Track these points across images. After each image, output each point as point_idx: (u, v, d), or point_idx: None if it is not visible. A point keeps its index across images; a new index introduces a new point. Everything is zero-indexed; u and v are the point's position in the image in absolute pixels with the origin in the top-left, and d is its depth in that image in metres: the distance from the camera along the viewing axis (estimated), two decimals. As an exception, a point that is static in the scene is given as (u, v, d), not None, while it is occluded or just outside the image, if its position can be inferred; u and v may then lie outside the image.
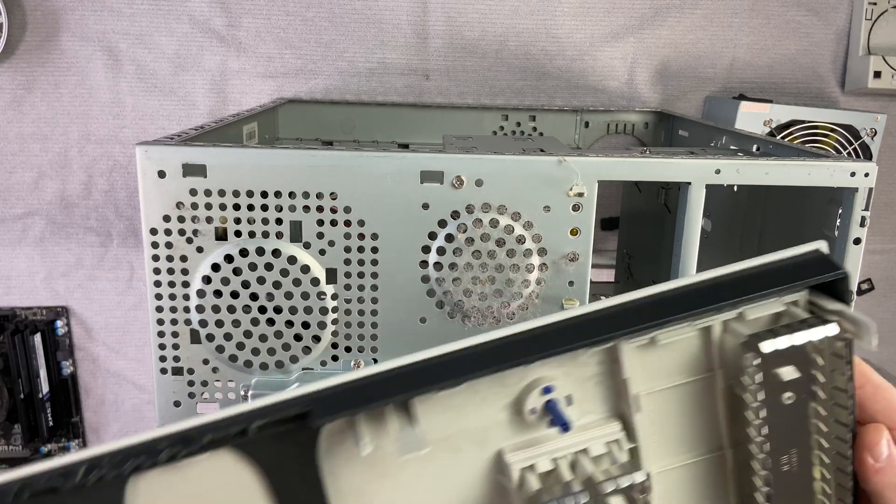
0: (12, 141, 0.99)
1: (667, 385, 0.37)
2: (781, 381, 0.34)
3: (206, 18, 0.98)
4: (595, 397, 0.37)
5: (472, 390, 0.35)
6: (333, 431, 0.34)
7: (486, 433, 0.36)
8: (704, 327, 0.36)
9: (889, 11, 1.01)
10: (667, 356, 0.37)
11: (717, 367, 0.37)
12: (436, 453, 0.36)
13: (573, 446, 0.36)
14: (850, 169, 0.55)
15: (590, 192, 0.54)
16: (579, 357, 0.36)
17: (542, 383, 0.36)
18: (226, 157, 0.52)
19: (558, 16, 1.02)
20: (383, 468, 0.35)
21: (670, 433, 0.38)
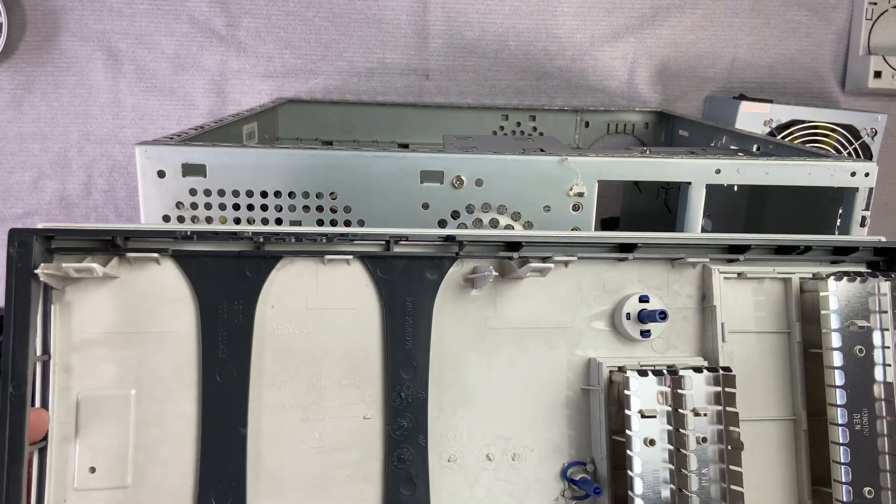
0: (12, 141, 0.99)
1: (749, 329, 0.40)
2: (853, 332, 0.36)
3: (206, 18, 0.98)
4: (682, 333, 0.40)
5: (576, 285, 0.39)
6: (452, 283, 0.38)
7: (580, 336, 0.39)
8: (785, 277, 0.40)
9: (889, 11, 1.01)
10: (751, 299, 0.40)
11: (795, 321, 0.40)
12: (532, 342, 0.39)
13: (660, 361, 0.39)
14: (851, 169, 0.55)
15: (590, 192, 0.54)
16: (672, 283, 0.40)
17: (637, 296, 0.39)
18: (226, 157, 0.52)
19: (558, 16, 1.02)
20: (484, 342, 0.38)
21: (749, 384, 0.39)
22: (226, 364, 0.35)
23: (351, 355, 0.36)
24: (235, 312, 0.35)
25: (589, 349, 0.39)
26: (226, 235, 0.35)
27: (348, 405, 0.36)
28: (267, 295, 0.36)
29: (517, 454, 0.38)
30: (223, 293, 0.35)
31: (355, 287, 0.37)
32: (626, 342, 0.39)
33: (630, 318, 0.39)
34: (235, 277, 0.35)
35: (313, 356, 0.36)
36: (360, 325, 0.37)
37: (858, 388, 0.36)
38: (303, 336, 0.36)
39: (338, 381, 0.36)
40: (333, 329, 0.36)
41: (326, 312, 0.36)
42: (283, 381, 0.36)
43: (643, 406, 0.35)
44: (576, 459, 0.38)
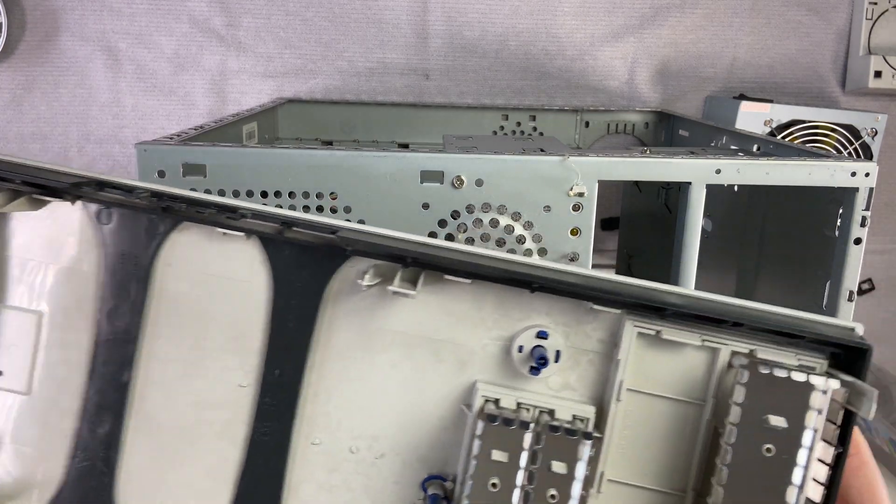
0: (12, 141, 0.99)
1: (655, 392, 0.37)
2: (767, 429, 0.32)
3: (206, 18, 0.98)
4: (584, 376, 0.37)
5: (476, 303, 0.37)
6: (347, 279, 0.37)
7: (471, 356, 0.38)
8: (712, 347, 0.35)
9: (889, 11, 1.01)
10: (665, 362, 0.36)
11: (710, 397, 0.36)
12: (419, 351, 0.38)
13: (542, 403, 0.37)
14: (851, 169, 0.55)
15: (590, 192, 0.54)
16: (584, 324, 0.37)
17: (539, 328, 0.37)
18: (226, 157, 0.52)
19: (559, 16, 1.02)
20: (370, 340, 0.38)
21: (640, 448, 0.37)
22: (119, 309, 0.37)
23: (237, 324, 0.38)
24: (133, 263, 0.37)
25: (477, 371, 0.37)
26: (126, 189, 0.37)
27: (227, 370, 0.38)
28: (167, 252, 0.37)
29: (382, 454, 0.38)
30: (123, 242, 0.37)
31: (250, 262, 0.37)
32: (514, 372, 0.37)
33: (522, 351, 0.36)
34: (137, 229, 0.37)
35: (201, 318, 0.38)
36: (250, 299, 0.38)
37: (756, 490, 0.32)
38: (195, 297, 0.38)
39: (221, 345, 0.38)
40: (224, 297, 0.38)
41: (220, 280, 0.38)
42: (171, 335, 0.38)
43: (496, 456, 0.34)
44: (439, 473, 0.38)
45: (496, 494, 0.34)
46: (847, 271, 0.57)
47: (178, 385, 0.38)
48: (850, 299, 0.57)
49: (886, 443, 0.92)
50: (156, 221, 0.37)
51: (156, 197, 0.36)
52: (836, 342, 0.34)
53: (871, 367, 0.34)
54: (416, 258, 0.35)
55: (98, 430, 0.38)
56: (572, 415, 0.36)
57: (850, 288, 0.57)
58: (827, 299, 0.59)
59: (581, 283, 0.35)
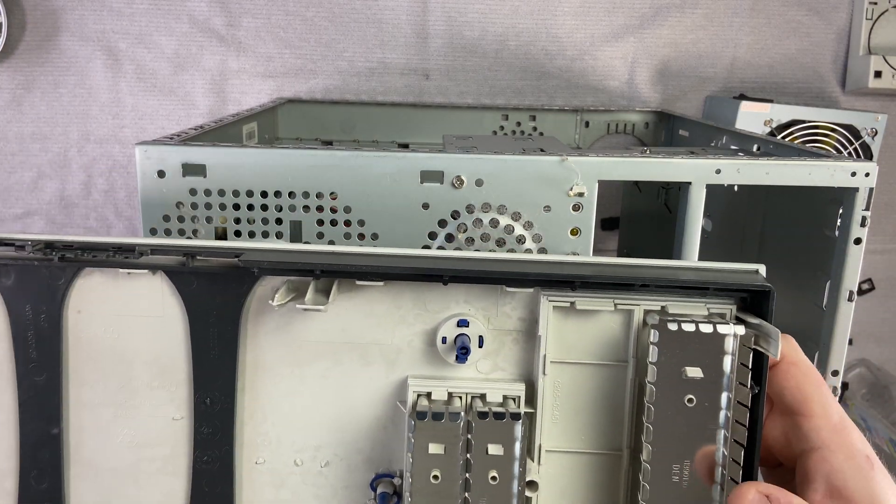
0: (12, 141, 0.99)
1: (579, 360, 0.37)
2: (686, 380, 0.33)
3: (206, 18, 0.98)
4: (510, 355, 0.38)
5: (394, 303, 0.37)
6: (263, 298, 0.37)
7: (398, 354, 0.38)
8: (625, 309, 0.36)
9: (889, 11, 1.01)
10: (585, 330, 0.37)
11: (631, 357, 0.37)
12: (347, 357, 0.38)
13: (472, 389, 0.37)
14: (851, 169, 0.55)
15: (590, 192, 0.54)
16: (502, 305, 0.37)
17: (459, 317, 0.37)
18: (225, 157, 0.52)
19: (559, 15, 1.02)
20: (296, 355, 0.38)
21: (573, 415, 0.38)
22: (38, 363, 0.37)
23: (159, 360, 0.38)
24: (42, 316, 0.37)
25: (407, 367, 0.38)
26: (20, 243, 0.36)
27: (158, 405, 0.38)
28: (75, 300, 0.37)
29: (327, 462, 0.39)
30: (27, 297, 0.36)
31: (160, 297, 0.37)
32: (440, 362, 0.38)
33: (446, 342, 0.37)
34: (39, 283, 0.36)
35: (123, 359, 0.38)
36: (167, 332, 0.37)
37: (683, 439, 0.33)
38: (111, 339, 0.37)
39: (148, 383, 0.38)
40: (141, 334, 0.37)
41: (133, 318, 0.37)
42: (96, 381, 0.38)
43: (432, 450, 0.35)
44: (385, 471, 0.39)
45: (439, 486, 0.35)
46: (847, 271, 0.57)
47: (112, 428, 0.38)
48: (850, 299, 0.57)
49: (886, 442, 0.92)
50: (56, 272, 0.36)
51: (49, 248, 0.36)
52: (739, 288, 0.34)
53: (871, 367, 0.35)
54: (324, 270, 0.35)
55: (40, 485, 0.38)
56: (503, 395, 0.37)
57: (850, 288, 0.57)
58: (827, 299, 0.59)
59: (491, 269, 0.35)
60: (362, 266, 0.35)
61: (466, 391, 0.37)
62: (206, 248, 0.36)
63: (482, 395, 0.37)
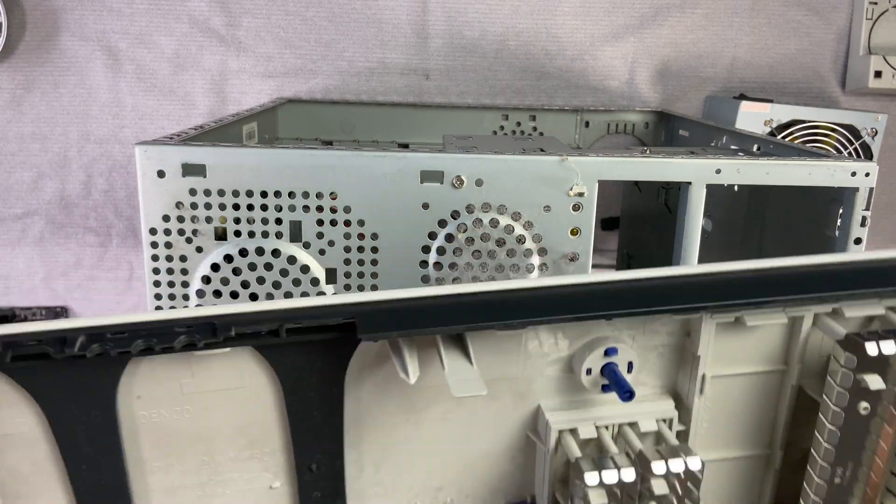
0: (11, 141, 0.99)
1: (736, 372, 0.34)
2: (864, 389, 0.31)
3: (206, 18, 0.98)
4: (654, 369, 0.34)
5: (530, 335, 0.33)
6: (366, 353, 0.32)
7: (529, 385, 0.34)
8: (796, 316, 0.33)
9: (889, 11, 1.01)
10: (745, 341, 0.34)
11: (795, 363, 0.34)
12: (467, 398, 0.33)
13: (621, 417, 0.33)
14: (851, 169, 0.55)
15: (590, 192, 0.54)
16: (652, 323, 0.33)
17: (605, 343, 0.33)
18: (225, 157, 0.52)
19: (559, 15, 1.02)
20: (411, 402, 0.33)
21: (724, 424, 0.35)
22: (93, 459, 0.31)
23: (246, 431, 0.33)
24: (91, 410, 0.31)
25: (539, 395, 0.34)
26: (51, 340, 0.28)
27: (251, 477, 0.34)
28: (129, 387, 0.31)
29: (451, 500, 0.36)
30: (70, 397, 0.30)
31: (243, 371, 0.31)
32: (579, 387, 0.34)
33: (591, 373, 0.33)
34: (81, 381, 0.30)
35: (200, 436, 0.33)
36: (254, 403, 0.32)
37: (851, 443, 0.32)
38: (183, 419, 0.32)
39: (234, 456, 0.33)
40: (219, 409, 0.32)
41: (208, 395, 0.32)
42: (168, 465, 0.33)
43: (593, 500, 0.30)
44: (516, 499, 0.36)
45: None
46: (847, 271, 0.57)
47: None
48: (850, 299, 0.57)
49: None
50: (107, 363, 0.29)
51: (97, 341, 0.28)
52: None
53: None
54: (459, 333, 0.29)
55: None
56: (655, 419, 0.33)
57: (850, 288, 0.57)
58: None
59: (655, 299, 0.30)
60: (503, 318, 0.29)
61: (614, 421, 0.33)
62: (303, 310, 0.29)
63: (632, 423, 0.33)
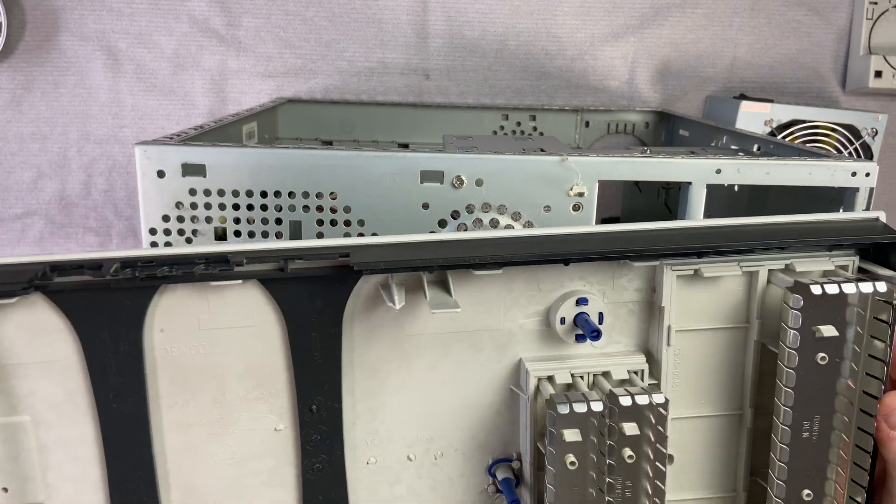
0: (11, 141, 0.99)
1: (701, 326, 0.37)
2: (819, 339, 0.33)
3: (206, 18, 0.98)
4: (626, 327, 0.37)
5: (506, 286, 0.36)
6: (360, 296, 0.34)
7: (510, 337, 0.36)
8: (750, 271, 0.35)
9: (890, 11, 1.01)
10: (706, 295, 0.36)
11: (755, 318, 0.36)
12: (456, 346, 0.36)
13: (595, 367, 0.36)
14: (851, 169, 0.55)
15: (590, 192, 0.54)
16: (619, 278, 0.36)
17: (576, 296, 0.35)
18: (225, 157, 0.52)
19: (559, 15, 1.01)
20: (402, 349, 0.36)
21: (694, 381, 0.37)
22: (119, 390, 0.34)
23: (255, 370, 0.35)
24: (120, 339, 0.33)
25: (519, 349, 0.37)
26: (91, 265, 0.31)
27: (257, 418, 0.36)
28: (153, 319, 0.33)
29: (441, 453, 0.38)
30: (103, 322, 0.33)
31: (252, 306, 0.34)
32: (557, 340, 0.37)
33: (564, 322, 0.36)
34: (113, 306, 0.33)
35: (213, 374, 0.35)
36: (262, 342, 0.35)
37: (814, 396, 0.33)
38: (199, 356, 0.34)
39: (244, 395, 0.35)
40: (232, 347, 0.35)
41: (222, 331, 0.34)
42: (185, 401, 0.35)
43: (568, 437, 0.32)
44: (502, 456, 0.38)
45: (576, 471, 0.33)
46: (847, 271, 0.57)
47: (209, 447, 0.35)
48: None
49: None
50: (136, 293, 0.32)
51: (129, 267, 0.31)
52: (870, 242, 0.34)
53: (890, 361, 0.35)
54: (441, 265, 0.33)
55: None
56: (626, 370, 0.36)
57: (850, 288, 0.57)
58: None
59: (615, 246, 0.34)
60: (481, 256, 0.33)
61: (588, 370, 0.36)
62: (305, 249, 0.32)
63: (605, 372, 0.36)
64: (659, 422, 0.33)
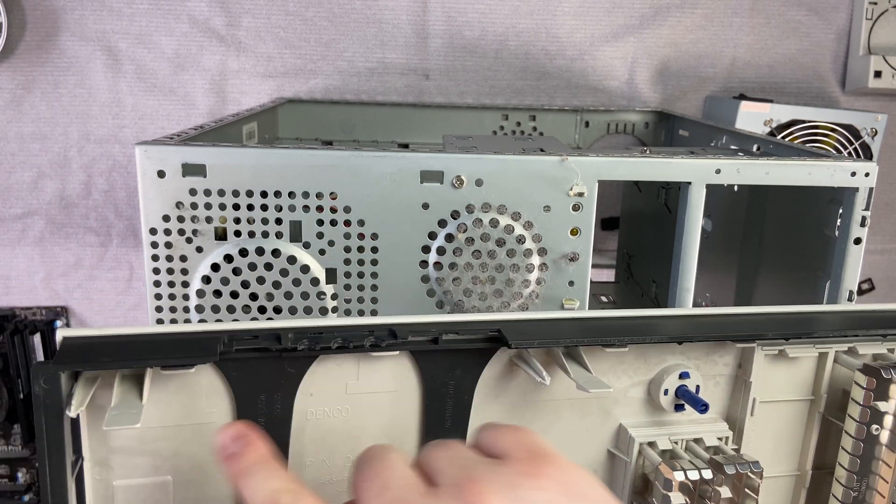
0: (12, 141, 0.99)
1: (778, 398, 0.41)
2: (877, 412, 0.38)
3: (206, 18, 0.98)
4: (712, 396, 0.41)
5: (619, 359, 0.39)
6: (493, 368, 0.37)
7: (614, 404, 0.40)
8: (823, 352, 0.41)
9: (889, 11, 1.01)
10: (785, 372, 0.41)
11: (822, 392, 0.41)
12: (567, 412, 0.39)
13: (689, 434, 0.40)
14: (851, 169, 0.55)
15: (590, 192, 0.54)
16: (713, 354, 0.40)
17: (679, 369, 0.39)
18: (225, 157, 0.52)
19: (558, 15, 1.02)
20: (521, 415, 0.38)
21: (766, 446, 0.42)
22: None
23: (388, 432, 0.37)
24: (274, 403, 0.35)
25: (620, 415, 0.40)
26: (267, 335, 0.33)
27: None
28: (307, 384, 0.35)
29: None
30: (261, 387, 0.34)
31: (399, 374, 0.36)
32: (655, 407, 0.40)
33: (667, 394, 0.39)
34: (274, 372, 0.34)
35: (350, 435, 0.37)
36: (400, 407, 0.37)
37: (866, 461, 0.39)
38: (341, 418, 0.36)
39: None
40: (371, 410, 0.36)
41: (366, 396, 0.36)
42: (321, 460, 0.37)
43: (674, 501, 0.36)
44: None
45: None
46: (847, 271, 0.57)
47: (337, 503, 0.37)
48: (849, 299, 0.57)
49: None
50: (294, 361, 0.34)
51: (302, 337, 0.33)
52: None
53: None
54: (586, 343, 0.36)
55: None
56: (716, 437, 0.40)
57: (850, 288, 0.57)
58: (827, 299, 0.59)
59: (722, 329, 0.38)
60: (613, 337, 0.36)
61: (684, 437, 0.40)
62: (461, 324, 0.35)
63: (697, 438, 0.40)
64: (751, 487, 0.37)
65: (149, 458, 0.34)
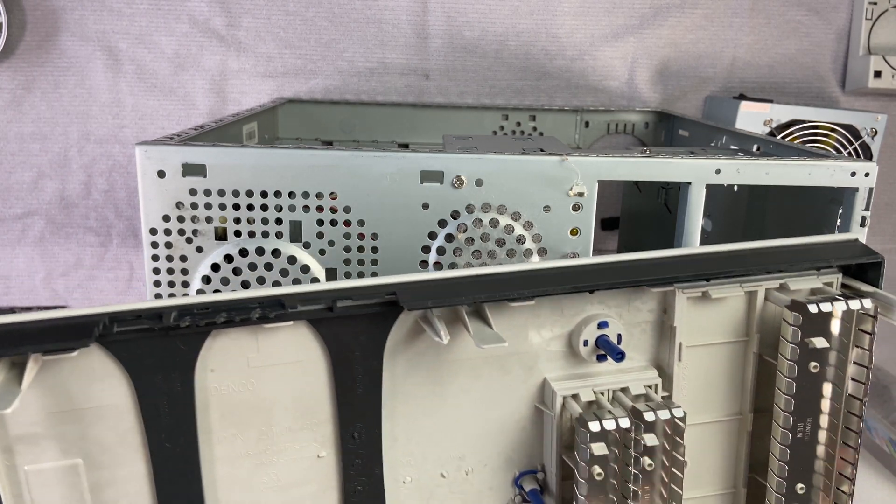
0: (12, 141, 0.99)
1: (707, 342, 0.40)
2: (811, 350, 0.37)
3: (206, 18, 0.98)
4: (639, 344, 0.40)
5: (533, 313, 0.39)
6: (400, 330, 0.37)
7: (536, 359, 0.39)
8: (751, 291, 0.39)
9: (889, 11, 1.01)
10: (712, 314, 0.40)
11: (754, 332, 0.40)
12: (486, 370, 0.39)
13: (614, 384, 0.39)
14: (851, 169, 0.55)
15: (590, 192, 0.54)
16: (634, 300, 0.40)
17: (597, 319, 0.39)
18: (226, 157, 0.52)
19: (558, 15, 1.02)
20: (438, 375, 0.38)
21: (700, 391, 0.41)
22: (171, 429, 0.35)
23: (300, 402, 0.37)
24: (173, 381, 0.35)
25: (544, 369, 0.39)
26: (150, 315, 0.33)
27: (302, 447, 0.37)
28: (205, 360, 0.35)
29: (471, 469, 0.40)
30: (157, 367, 0.34)
31: (300, 344, 0.36)
32: (578, 360, 0.39)
33: (587, 344, 0.39)
34: (168, 352, 0.34)
35: (260, 408, 0.36)
36: (308, 376, 0.36)
37: (806, 400, 0.38)
38: (247, 392, 0.36)
39: (289, 427, 0.37)
40: (279, 382, 0.36)
41: (270, 368, 0.36)
42: (232, 436, 0.36)
43: (596, 451, 0.36)
44: (527, 468, 0.40)
45: (603, 481, 0.36)
46: (847, 271, 0.57)
47: (255, 477, 0.37)
48: (849, 299, 0.57)
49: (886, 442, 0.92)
50: (191, 338, 0.34)
51: (186, 314, 0.33)
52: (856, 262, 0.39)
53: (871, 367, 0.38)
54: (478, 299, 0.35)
55: None
56: (643, 385, 0.39)
57: (849, 288, 0.57)
58: (827, 299, 0.59)
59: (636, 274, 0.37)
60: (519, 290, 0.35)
61: (609, 387, 0.39)
62: (354, 290, 0.35)
63: (624, 388, 0.39)
64: (677, 433, 0.36)
65: (55, 442, 0.35)
